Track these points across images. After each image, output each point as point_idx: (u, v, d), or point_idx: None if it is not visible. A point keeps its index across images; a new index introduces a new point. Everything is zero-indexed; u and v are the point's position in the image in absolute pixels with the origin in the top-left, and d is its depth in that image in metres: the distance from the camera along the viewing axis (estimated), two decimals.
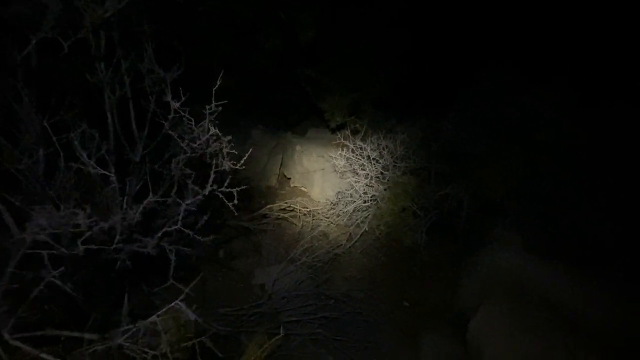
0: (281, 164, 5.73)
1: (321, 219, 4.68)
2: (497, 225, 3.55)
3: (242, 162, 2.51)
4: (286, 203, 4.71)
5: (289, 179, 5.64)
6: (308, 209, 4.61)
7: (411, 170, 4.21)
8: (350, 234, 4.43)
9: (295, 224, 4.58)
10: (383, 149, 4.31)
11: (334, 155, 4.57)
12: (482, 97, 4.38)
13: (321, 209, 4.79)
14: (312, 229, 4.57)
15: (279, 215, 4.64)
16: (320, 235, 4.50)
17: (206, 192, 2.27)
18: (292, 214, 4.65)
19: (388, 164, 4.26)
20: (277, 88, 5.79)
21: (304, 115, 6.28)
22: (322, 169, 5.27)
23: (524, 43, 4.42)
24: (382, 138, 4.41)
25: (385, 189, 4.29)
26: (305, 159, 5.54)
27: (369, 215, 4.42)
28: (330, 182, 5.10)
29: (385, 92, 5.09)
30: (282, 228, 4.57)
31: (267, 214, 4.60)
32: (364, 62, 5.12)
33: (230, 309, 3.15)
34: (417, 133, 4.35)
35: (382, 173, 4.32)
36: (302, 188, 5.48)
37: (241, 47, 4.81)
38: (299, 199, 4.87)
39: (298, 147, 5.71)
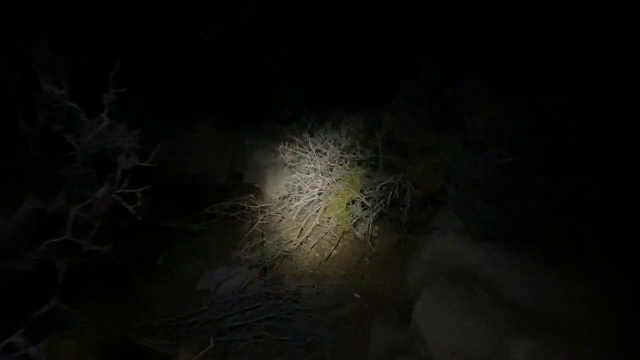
0: (232, 160, 5.39)
1: (272, 216, 4.45)
2: (439, 213, 3.56)
3: (151, 158, 2.18)
4: (234, 201, 4.41)
5: (241, 175, 5.32)
6: (257, 206, 4.35)
7: (359, 161, 4.11)
8: (301, 229, 4.25)
9: (244, 223, 4.31)
10: (330, 141, 4.16)
11: (281, 150, 4.34)
12: (419, 86, 4.38)
13: (272, 205, 4.55)
14: (262, 226, 4.32)
15: (227, 214, 4.33)
16: (270, 233, 4.28)
17: (100, 195, 1.94)
18: (240, 212, 4.36)
19: (335, 156, 4.12)
20: (224, 79, 5.41)
21: (254, 108, 5.95)
22: (274, 164, 5.03)
23: (458, 33, 4.48)
24: (328, 130, 4.25)
25: (334, 182, 4.15)
26: (256, 153, 5.25)
27: (319, 209, 4.27)
28: (282, 177, 4.87)
29: (334, 83, 4.95)
30: (230, 227, 4.27)
31: (214, 213, 4.27)
32: (312, 53, 4.93)
33: (166, 320, 2.83)
34: (363, 124, 4.25)
35: (329, 166, 4.17)
36: (255, 184, 5.20)
37: (172, 32, 4.36)
38: (249, 196, 4.58)
39: (248, 142, 5.40)
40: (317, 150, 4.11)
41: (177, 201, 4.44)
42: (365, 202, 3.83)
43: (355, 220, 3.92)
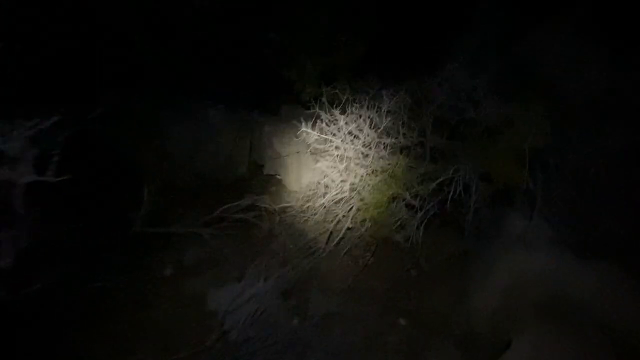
0: (250, 150, 4.60)
1: (295, 216, 3.63)
2: (518, 217, 2.50)
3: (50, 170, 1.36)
4: (251, 200, 3.62)
5: (262, 166, 4.53)
6: (277, 207, 3.54)
7: (401, 147, 3.09)
8: (330, 232, 3.40)
9: (263, 225, 3.53)
10: (364, 121, 3.16)
11: (304, 132, 3.40)
12: (480, 43, 3.16)
13: (295, 203, 3.72)
14: (284, 228, 3.54)
15: (242, 216, 3.55)
16: (294, 236, 3.48)
17: None
18: (258, 213, 3.57)
19: (371, 140, 3.14)
20: (236, 58, 4.52)
21: (272, 90, 5.03)
22: (297, 152, 4.14)
23: None
24: (362, 107, 3.24)
25: (370, 174, 3.19)
26: (276, 141, 4.40)
27: (352, 207, 3.37)
28: (307, 167, 4.01)
29: (363, 52, 3.86)
30: (247, 231, 3.52)
31: (226, 216, 3.51)
32: (333, 17, 3.86)
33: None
34: (406, 99, 3.18)
35: (364, 153, 3.20)
36: (277, 176, 4.40)
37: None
38: (270, 190, 3.75)
39: (267, 128, 4.55)
40: (349, 133, 3.13)
41: (186, 200, 3.78)
42: (412, 200, 2.86)
43: (398, 224, 2.97)
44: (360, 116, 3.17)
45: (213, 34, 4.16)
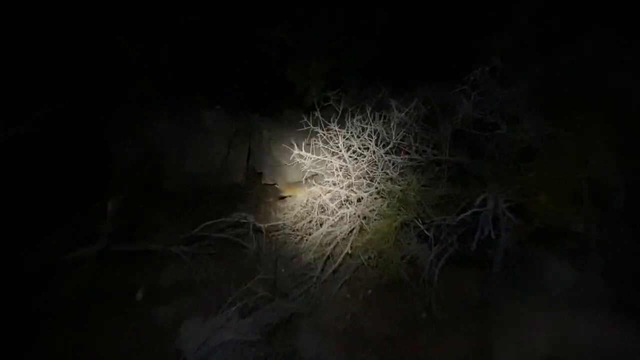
0: (248, 155, 4.13)
1: (289, 234, 3.14)
2: (564, 266, 1.93)
3: None
4: (239, 216, 3.13)
5: (260, 173, 4.05)
6: (265, 225, 3.05)
7: (415, 167, 2.54)
8: (327, 256, 2.89)
9: (251, 244, 3.04)
10: (369, 136, 2.63)
11: (298, 150, 2.91)
12: (516, 45, 2.58)
13: (290, 220, 3.22)
14: (276, 249, 3.05)
15: (230, 232, 3.07)
16: (286, 259, 2.99)
17: None
18: (245, 230, 3.08)
19: (378, 158, 2.61)
20: (236, 55, 4.06)
21: (274, 91, 4.54)
22: (297, 162, 3.65)
23: None
24: (368, 119, 2.71)
25: (374, 197, 2.67)
26: (275, 148, 3.92)
27: (353, 229, 2.86)
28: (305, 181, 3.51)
29: (373, 53, 3.33)
30: (233, 251, 3.03)
31: (206, 234, 3.02)
32: (341, 14, 3.34)
33: None
34: (420, 108, 2.63)
35: (369, 174, 2.66)
36: (275, 185, 3.93)
37: None
38: (254, 213, 3.26)
39: (266, 133, 4.08)
40: (353, 152, 2.61)
41: (171, 208, 3.33)
42: (426, 231, 2.31)
43: (407, 257, 2.43)
44: (365, 129, 2.64)
45: (212, 30, 3.71)
